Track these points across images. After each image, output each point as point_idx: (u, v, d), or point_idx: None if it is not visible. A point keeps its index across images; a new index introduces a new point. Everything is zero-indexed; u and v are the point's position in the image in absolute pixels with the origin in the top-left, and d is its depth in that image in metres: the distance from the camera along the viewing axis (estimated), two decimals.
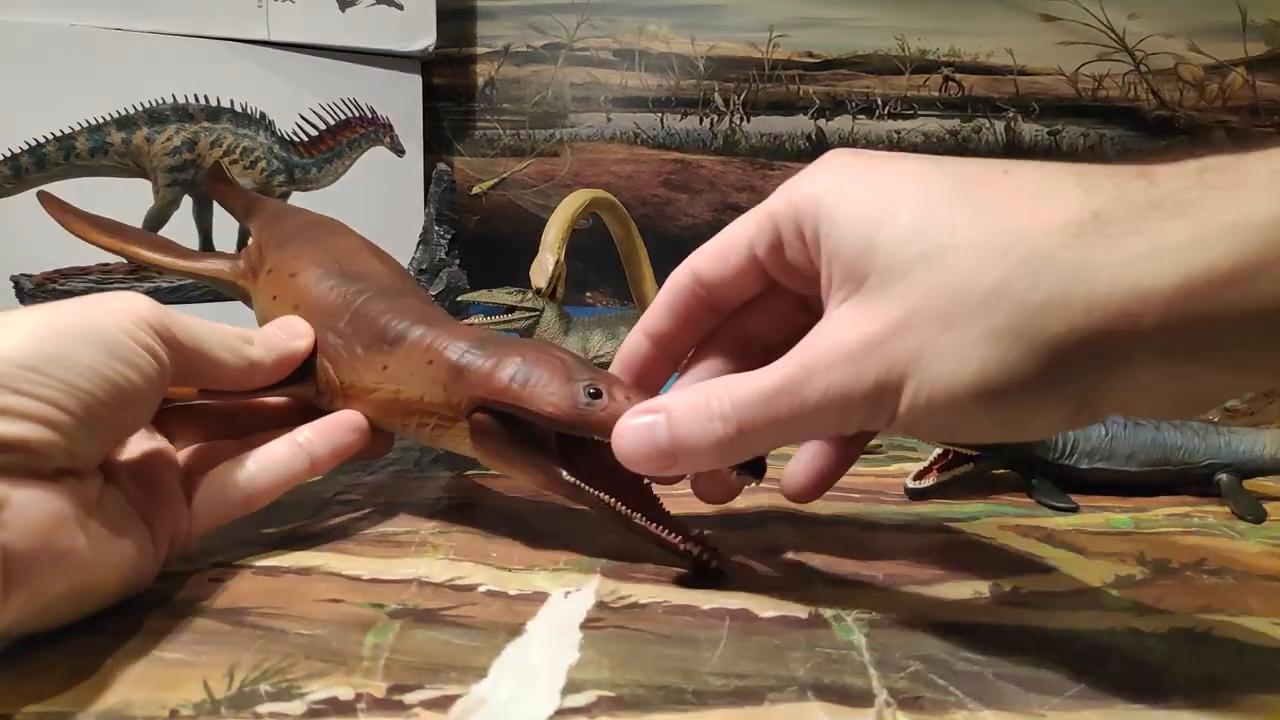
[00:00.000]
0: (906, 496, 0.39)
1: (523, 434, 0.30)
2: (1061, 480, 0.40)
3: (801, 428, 0.25)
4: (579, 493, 0.29)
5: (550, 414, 0.29)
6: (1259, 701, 0.23)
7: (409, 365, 0.32)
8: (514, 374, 0.30)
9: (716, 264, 0.28)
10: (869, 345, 0.23)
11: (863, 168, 0.25)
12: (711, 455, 0.25)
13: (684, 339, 0.31)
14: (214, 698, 0.21)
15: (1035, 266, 0.21)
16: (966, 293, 0.21)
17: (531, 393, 0.29)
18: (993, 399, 0.21)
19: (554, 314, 0.68)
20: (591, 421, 0.28)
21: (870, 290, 0.23)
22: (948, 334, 0.21)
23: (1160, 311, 0.19)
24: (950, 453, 0.39)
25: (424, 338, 0.32)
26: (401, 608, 0.27)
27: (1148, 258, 0.19)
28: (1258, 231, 0.19)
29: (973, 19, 1.14)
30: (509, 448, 0.30)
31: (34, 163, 0.80)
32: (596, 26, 1.18)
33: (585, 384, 0.29)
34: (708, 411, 0.25)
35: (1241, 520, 0.38)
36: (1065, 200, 0.21)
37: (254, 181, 0.92)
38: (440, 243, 0.77)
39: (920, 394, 0.22)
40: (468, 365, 0.30)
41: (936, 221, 0.22)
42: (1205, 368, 0.20)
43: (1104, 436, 0.40)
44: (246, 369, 0.31)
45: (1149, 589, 0.30)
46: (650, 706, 0.22)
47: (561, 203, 0.42)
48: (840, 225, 0.24)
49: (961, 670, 0.24)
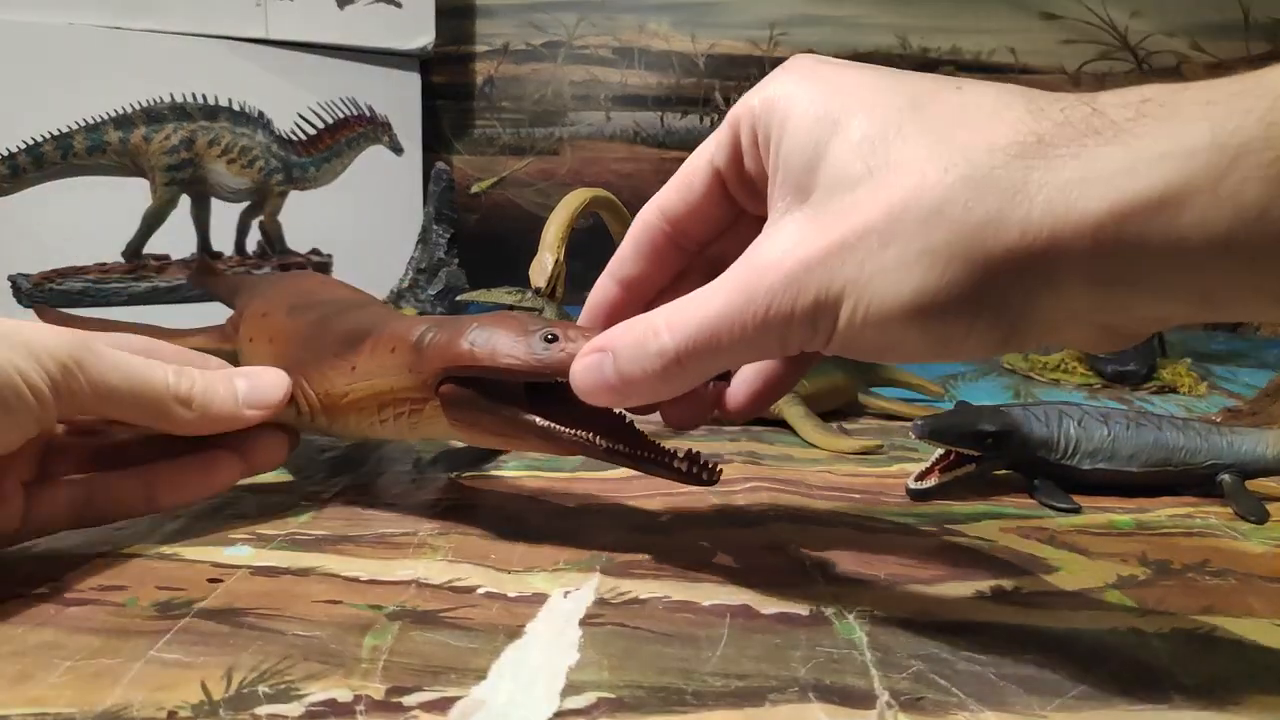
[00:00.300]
0: (908, 497, 0.39)
1: (492, 395, 0.31)
2: (1063, 481, 0.40)
3: (742, 353, 0.24)
4: (556, 436, 0.30)
5: (511, 365, 0.29)
6: (1261, 702, 0.23)
7: (375, 359, 0.33)
8: (472, 338, 0.30)
9: (682, 193, 0.28)
10: (809, 265, 0.22)
11: (823, 75, 0.24)
12: (657, 387, 0.26)
13: (653, 281, 0.30)
14: (212, 699, 0.21)
15: (974, 185, 0.20)
16: (907, 211, 0.21)
17: (491, 351, 0.30)
18: (926, 318, 0.21)
19: (554, 314, 0.68)
20: (552, 364, 0.29)
21: (815, 205, 0.23)
22: (886, 252, 0.21)
23: (1091, 236, 0.19)
24: (952, 453, 0.39)
25: (384, 331, 0.33)
26: (400, 609, 0.26)
27: (1081, 183, 0.19)
28: (1187, 160, 0.18)
29: (974, 17, 1.14)
30: (480, 412, 0.31)
31: (32, 162, 0.80)
32: (596, 24, 1.18)
33: (540, 332, 0.30)
34: (648, 346, 0.25)
35: (1244, 521, 0.38)
36: (1011, 121, 0.21)
37: (252, 180, 0.92)
38: (439, 242, 0.77)
39: (857, 313, 0.22)
40: (428, 342, 0.31)
41: (886, 137, 0.22)
42: (1131, 296, 0.20)
43: (1106, 437, 0.40)
44: (166, 423, 0.30)
45: (1151, 589, 0.30)
46: (650, 708, 0.22)
47: (561, 202, 0.41)
48: (791, 132, 0.24)
49: (963, 670, 0.24)
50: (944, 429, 0.38)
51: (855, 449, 0.47)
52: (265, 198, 0.93)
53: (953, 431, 0.38)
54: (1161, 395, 0.67)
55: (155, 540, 0.31)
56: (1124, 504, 0.39)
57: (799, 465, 0.44)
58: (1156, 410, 0.51)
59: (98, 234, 0.83)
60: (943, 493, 0.39)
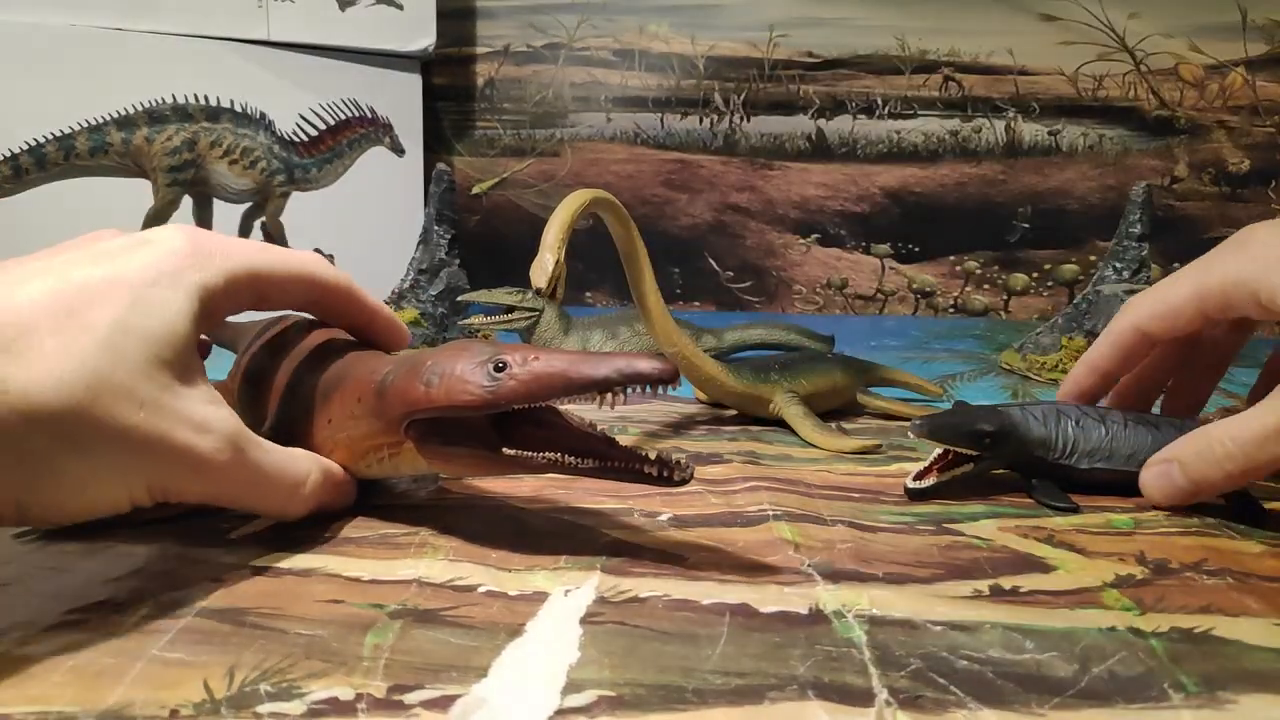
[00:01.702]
0: (907, 496, 0.39)
1: (458, 430, 0.30)
2: (1061, 481, 0.40)
3: None
4: (526, 463, 0.30)
5: (466, 402, 0.29)
6: (1259, 701, 0.23)
7: (344, 409, 0.33)
8: (426, 379, 0.30)
9: (1165, 325, 0.40)
10: None
11: (1259, 238, 0.36)
12: (1222, 487, 0.36)
13: (1122, 370, 0.43)
14: (214, 697, 0.21)
15: None
16: None
17: (445, 391, 0.30)
18: None
19: (554, 314, 0.69)
20: (503, 395, 0.29)
21: None
22: None
23: None
24: (950, 453, 0.39)
25: (350, 381, 0.34)
26: (401, 608, 0.27)
27: None
28: None
29: (973, 19, 1.14)
30: (450, 448, 0.31)
31: (34, 163, 0.80)
32: (596, 26, 1.18)
33: (491, 361, 0.29)
34: (1216, 457, 0.35)
35: (1239, 521, 0.38)
36: None
37: (254, 181, 0.92)
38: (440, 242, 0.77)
39: None
40: (387, 386, 0.31)
41: None
42: None
43: (1104, 437, 0.40)
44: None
45: (1149, 589, 0.30)
46: (650, 706, 0.22)
47: (561, 203, 0.41)
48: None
49: (962, 669, 0.24)
50: (942, 428, 0.38)
51: (854, 448, 0.47)
52: (267, 199, 0.93)
53: (951, 431, 0.38)
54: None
55: (156, 540, 0.31)
56: (1123, 503, 0.39)
57: (798, 464, 0.44)
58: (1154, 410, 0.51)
59: None
60: (939, 492, 0.39)
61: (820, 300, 1.20)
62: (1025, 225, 1.15)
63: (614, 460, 0.29)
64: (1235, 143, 1.10)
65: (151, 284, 0.27)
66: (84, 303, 0.25)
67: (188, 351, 0.27)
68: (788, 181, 1.19)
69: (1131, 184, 0.76)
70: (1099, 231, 1.12)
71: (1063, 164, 1.13)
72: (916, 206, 1.17)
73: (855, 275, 1.19)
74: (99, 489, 0.25)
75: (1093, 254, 1.13)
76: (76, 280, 0.25)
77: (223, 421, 0.28)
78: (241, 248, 0.31)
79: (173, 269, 0.27)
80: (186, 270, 0.28)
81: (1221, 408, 0.57)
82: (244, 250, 0.30)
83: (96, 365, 0.24)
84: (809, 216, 1.19)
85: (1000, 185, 1.16)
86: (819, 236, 1.19)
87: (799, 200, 1.19)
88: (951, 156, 1.16)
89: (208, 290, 0.28)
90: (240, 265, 0.30)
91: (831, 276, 1.19)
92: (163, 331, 0.26)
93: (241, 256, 0.30)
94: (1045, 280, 1.16)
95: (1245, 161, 1.10)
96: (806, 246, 1.19)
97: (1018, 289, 1.16)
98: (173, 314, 0.27)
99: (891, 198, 1.18)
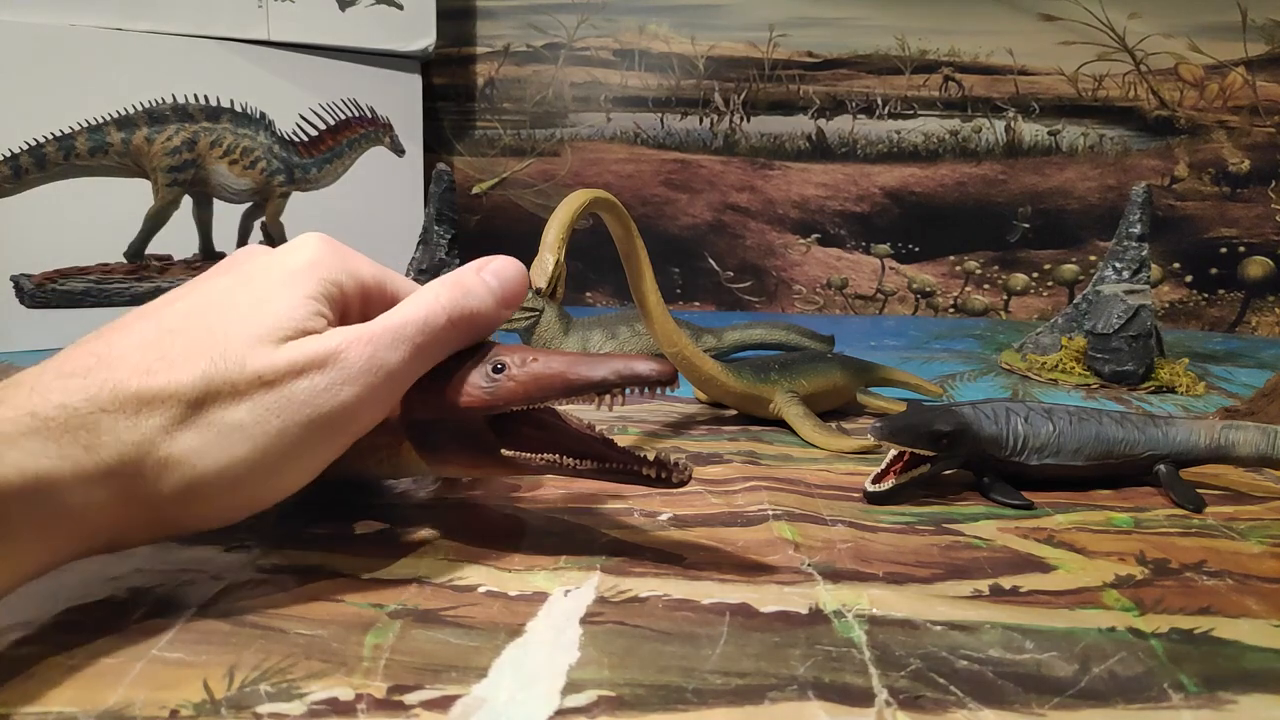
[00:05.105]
0: (865, 501, 0.39)
1: (456, 430, 0.30)
2: (1014, 478, 0.40)
3: None
4: (524, 465, 0.30)
5: (465, 403, 0.29)
6: (1259, 702, 0.23)
7: None
8: (423, 382, 0.30)
9: None
10: None
11: None
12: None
13: None
14: (214, 697, 0.21)
15: None
16: None
17: (443, 393, 0.30)
18: None
19: (554, 314, 0.69)
20: (502, 396, 0.29)
21: None
22: None
23: None
24: (907, 454, 0.39)
25: None
26: (402, 608, 0.27)
27: None
28: None
29: (973, 19, 1.14)
30: (448, 451, 0.31)
31: (34, 163, 0.80)
32: (596, 26, 1.18)
33: (490, 362, 0.29)
34: None
35: (1181, 509, 0.38)
36: None
37: (254, 181, 0.92)
38: (440, 242, 0.77)
39: None
40: None
41: None
42: None
43: (1052, 433, 0.40)
44: None
45: (1149, 589, 0.30)
46: (650, 706, 0.22)
47: (561, 203, 0.41)
48: None
49: (962, 669, 0.24)
50: (902, 430, 0.38)
51: (854, 448, 0.47)
52: (267, 199, 0.93)
53: (910, 432, 0.38)
54: (1159, 395, 0.67)
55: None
56: (1122, 502, 0.40)
57: (798, 464, 0.44)
58: (1102, 404, 0.51)
59: (100, 235, 0.83)
60: (893, 497, 0.39)
61: (820, 300, 1.20)
62: (1025, 225, 1.15)
63: (612, 461, 0.29)
64: (1235, 143, 1.10)
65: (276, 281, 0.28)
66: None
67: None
68: (788, 181, 1.19)
69: (1131, 184, 0.76)
70: (1099, 231, 1.12)
71: (1063, 164, 1.13)
72: (916, 206, 1.17)
73: (855, 275, 1.19)
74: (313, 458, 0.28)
75: (1093, 254, 1.13)
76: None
77: (321, 338, 0.27)
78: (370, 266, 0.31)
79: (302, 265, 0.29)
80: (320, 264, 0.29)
81: (1222, 408, 0.57)
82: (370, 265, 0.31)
83: None
84: (809, 216, 1.19)
85: (1000, 185, 1.15)
86: (819, 236, 1.19)
87: (799, 200, 1.19)
88: (951, 156, 1.16)
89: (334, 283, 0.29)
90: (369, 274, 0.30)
91: (831, 276, 1.19)
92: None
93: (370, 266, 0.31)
94: (1045, 280, 1.16)
95: (1245, 161, 1.10)
96: (806, 246, 1.19)
97: (1018, 289, 1.16)
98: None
99: (891, 198, 1.18)
